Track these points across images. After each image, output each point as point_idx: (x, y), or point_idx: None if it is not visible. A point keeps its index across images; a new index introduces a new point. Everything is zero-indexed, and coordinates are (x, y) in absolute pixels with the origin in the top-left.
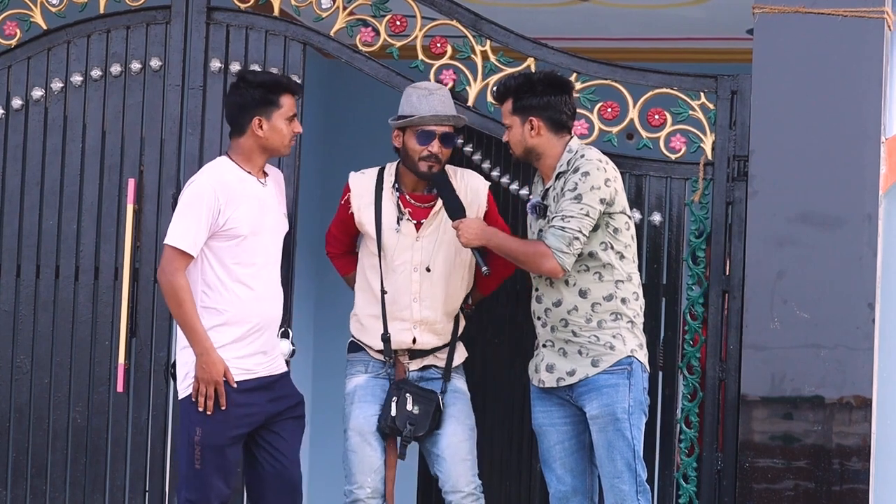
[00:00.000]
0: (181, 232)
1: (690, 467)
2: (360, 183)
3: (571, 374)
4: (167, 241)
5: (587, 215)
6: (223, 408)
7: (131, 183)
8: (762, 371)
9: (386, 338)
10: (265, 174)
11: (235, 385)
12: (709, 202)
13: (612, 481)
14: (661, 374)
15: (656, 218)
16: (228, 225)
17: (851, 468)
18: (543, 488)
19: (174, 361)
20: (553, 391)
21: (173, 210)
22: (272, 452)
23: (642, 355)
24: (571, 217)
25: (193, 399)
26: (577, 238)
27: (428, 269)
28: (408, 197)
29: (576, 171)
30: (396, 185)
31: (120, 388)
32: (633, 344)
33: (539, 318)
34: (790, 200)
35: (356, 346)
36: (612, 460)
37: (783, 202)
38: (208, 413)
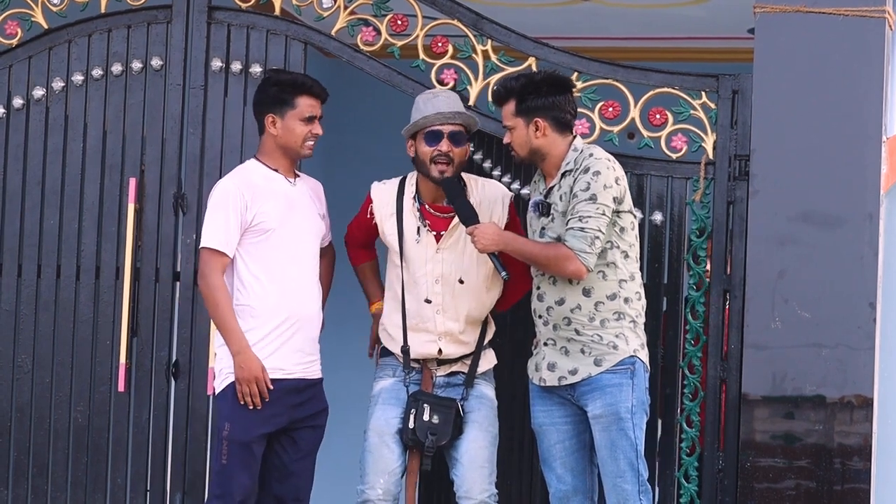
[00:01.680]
0: (212, 232)
1: (692, 467)
2: (382, 193)
3: (574, 372)
4: (201, 244)
5: (603, 214)
6: (267, 399)
7: (132, 182)
8: (763, 370)
9: (405, 349)
10: (296, 175)
11: (272, 387)
12: (710, 201)
13: (614, 480)
14: (660, 373)
15: (657, 217)
16: (257, 220)
17: (853, 468)
18: (544, 488)
19: (176, 360)
20: (554, 390)
21: (174, 209)
22: (283, 457)
23: (644, 355)
24: (589, 217)
25: (241, 400)
26: (597, 237)
27: (458, 281)
28: (428, 208)
29: (586, 170)
30: (416, 196)
31: (121, 388)
32: (635, 343)
33: (541, 317)
34: (791, 200)
35: (387, 351)
36: (615, 460)
37: (784, 201)
38: (250, 408)
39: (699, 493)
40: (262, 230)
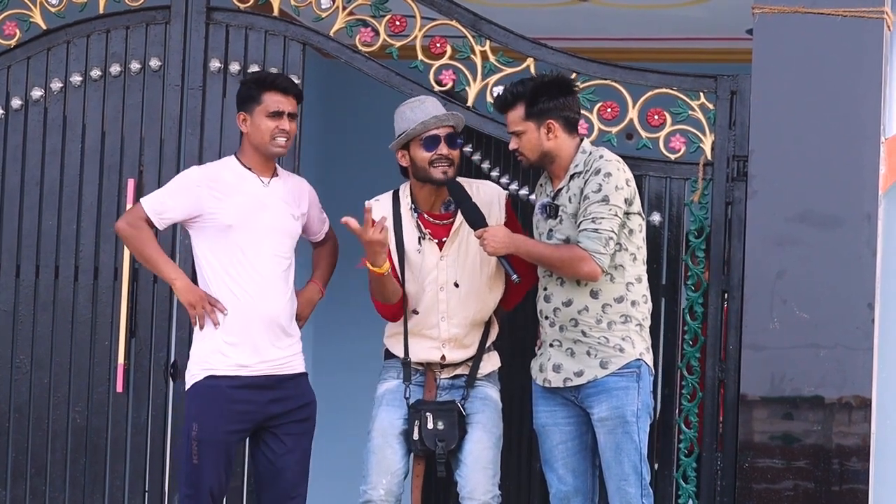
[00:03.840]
0: (154, 199)
1: (690, 467)
2: (378, 209)
3: (579, 374)
4: (141, 199)
5: (616, 215)
6: (225, 314)
7: (131, 183)
8: (762, 371)
9: (406, 362)
10: (275, 175)
11: (225, 309)
12: (708, 202)
13: (618, 483)
14: (660, 373)
15: (656, 218)
16: (213, 213)
17: (851, 468)
18: (543, 488)
19: (174, 361)
20: (557, 391)
21: None
22: (268, 455)
23: (649, 358)
24: (602, 218)
25: (196, 326)
26: (611, 238)
27: (456, 285)
28: (427, 216)
29: (596, 172)
30: (413, 206)
31: (119, 388)
32: (641, 347)
33: (547, 318)
34: (790, 200)
35: (391, 353)
36: (620, 463)
37: (783, 202)
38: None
39: (697, 493)
40: (220, 226)
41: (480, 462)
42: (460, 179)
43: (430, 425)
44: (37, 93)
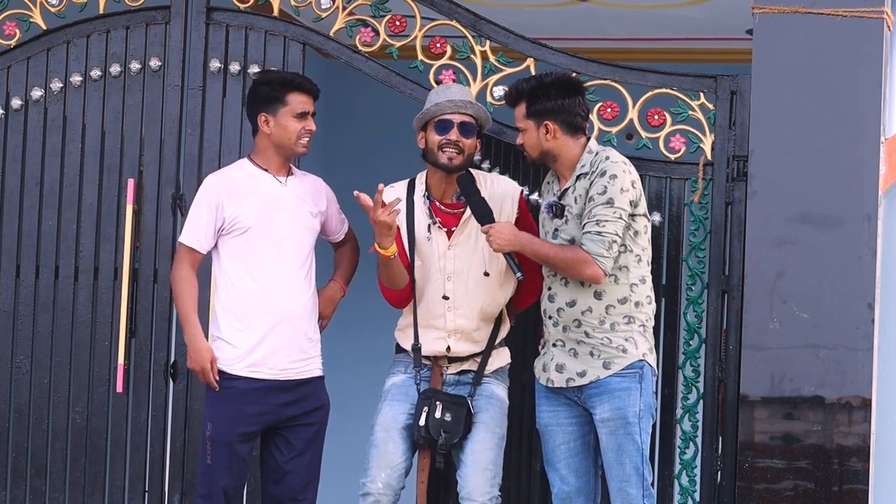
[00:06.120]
0: (186, 229)
1: (690, 467)
2: (393, 195)
3: (582, 375)
4: (178, 239)
5: (620, 218)
6: (216, 389)
7: (131, 183)
8: (762, 371)
9: (416, 347)
10: (290, 173)
11: (217, 380)
12: (708, 202)
13: (620, 485)
14: (660, 373)
15: (656, 218)
16: (234, 217)
17: (851, 468)
18: (543, 488)
19: (174, 361)
20: (561, 391)
21: (172, 210)
22: (277, 457)
23: (652, 359)
24: (607, 221)
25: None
26: (615, 241)
27: (484, 273)
28: (438, 204)
29: (602, 174)
30: (426, 194)
31: (119, 389)
32: (644, 348)
33: (550, 318)
34: (790, 200)
35: (401, 347)
36: (622, 464)
37: (783, 202)
38: (217, 394)
39: (697, 493)
40: (241, 228)
41: (481, 463)
42: (477, 173)
43: (437, 415)
44: (37, 93)
